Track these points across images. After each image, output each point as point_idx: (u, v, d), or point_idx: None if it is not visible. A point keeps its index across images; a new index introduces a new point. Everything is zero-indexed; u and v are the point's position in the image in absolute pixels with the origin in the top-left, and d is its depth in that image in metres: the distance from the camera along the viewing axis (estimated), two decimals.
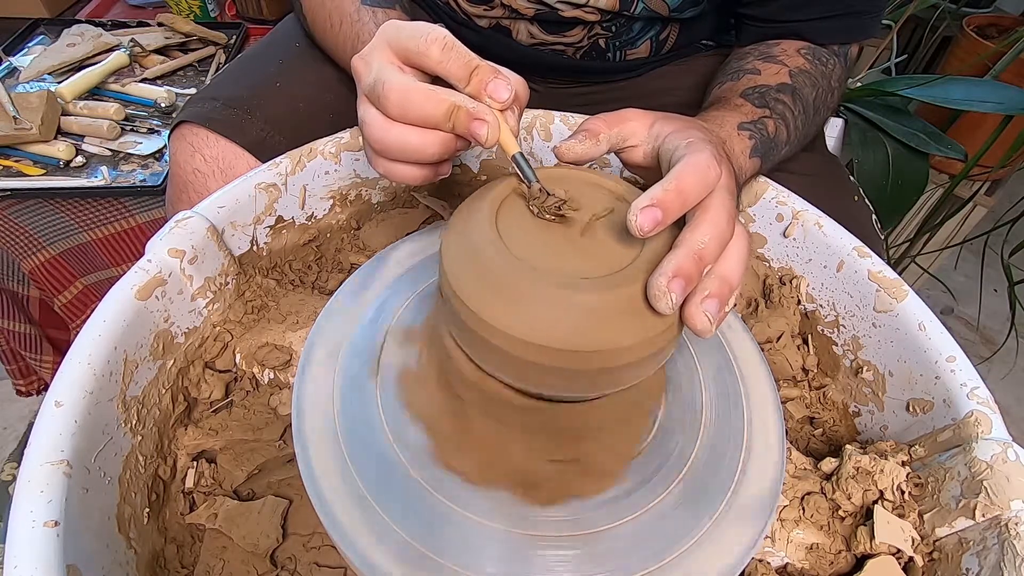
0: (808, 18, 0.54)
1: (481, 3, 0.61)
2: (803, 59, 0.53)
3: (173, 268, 0.38)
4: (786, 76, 0.50)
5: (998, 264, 1.12)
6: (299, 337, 0.43)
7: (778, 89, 0.49)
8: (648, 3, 0.57)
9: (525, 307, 0.26)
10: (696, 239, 0.28)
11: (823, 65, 0.53)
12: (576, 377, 0.28)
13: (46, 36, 1.11)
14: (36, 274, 0.89)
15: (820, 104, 0.52)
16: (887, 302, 0.41)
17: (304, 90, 0.58)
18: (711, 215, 0.29)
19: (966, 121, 1.19)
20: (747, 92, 0.48)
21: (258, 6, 1.21)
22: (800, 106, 0.49)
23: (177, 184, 0.55)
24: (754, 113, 0.46)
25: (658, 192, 0.28)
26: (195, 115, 0.54)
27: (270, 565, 0.36)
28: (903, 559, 0.34)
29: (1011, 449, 0.32)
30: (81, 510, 0.29)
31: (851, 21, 0.54)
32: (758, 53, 0.54)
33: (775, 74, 0.51)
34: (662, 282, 0.26)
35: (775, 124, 0.46)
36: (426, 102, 0.32)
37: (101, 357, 0.32)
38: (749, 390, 0.38)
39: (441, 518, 0.31)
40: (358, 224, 0.54)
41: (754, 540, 0.32)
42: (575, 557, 0.30)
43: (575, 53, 0.64)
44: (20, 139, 0.85)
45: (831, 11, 0.53)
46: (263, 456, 0.40)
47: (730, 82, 0.52)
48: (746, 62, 0.53)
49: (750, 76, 0.51)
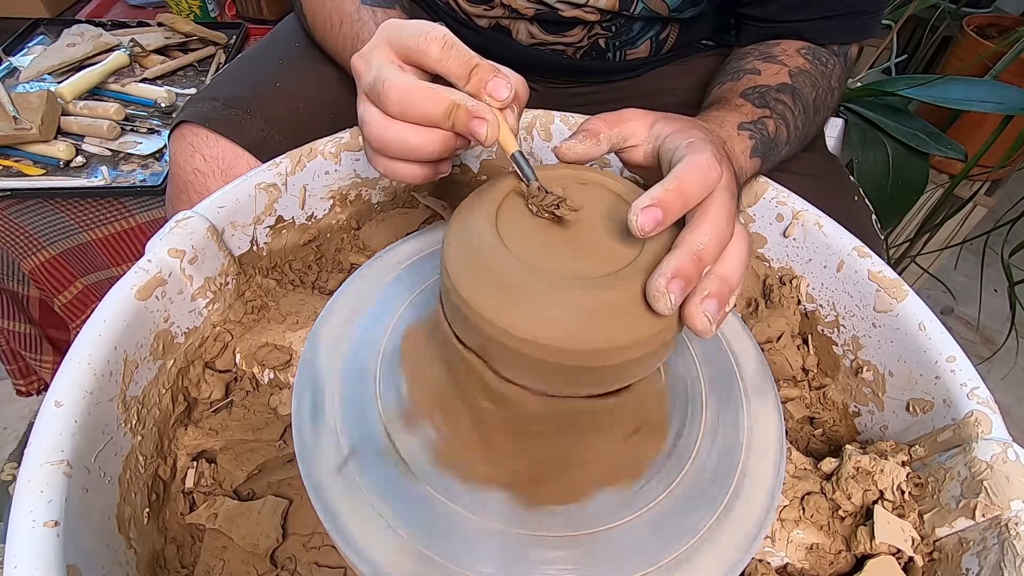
0: (808, 18, 0.54)
1: (481, 3, 0.61)
2: (803, 59, 0.53)
3: (173, 268, 0.38)
4: (786, 76, 0.51)
5: (998, 264, 1.12)
6: (299, 337, 0.43)
7: (778, 89, 0.49)
8: (648, 3, 0.57)
9: (525, 306, 0.27)
10: (696, 240, 0.28)
11: (823, 65, 0.53)
12: (574, 375, 0.28)
13: (46, 36, 1.11)
14: (36, 274, 0.89)
15: (820, 104, 0.52)
16: (887, 302, 0.41)
17: (304, 90, 0.58)
18: (711, 215, 0.29)
19: (966, 121, 1.19)
20: (747, 92, 0.48)
21: (258, 6, 1.21)
22: (800, 106, 0.49)
23: (177, 184, 0.55)
24: (754, 113, 0.46)
25: (659, 192, 0.27)
26: (195, 115, 0.54)
27: (270, 565, 0.36)
28: (903, 559, 0.34)
29: (1011, 449, 0.32)
30: (81, 510, 0.29)
31: (851, 21, 0.54)
32: (758, 53, 0.54)
33: (775, 74, 0.51)
34: (661, 283, 0.26)
35: (775, 124, 0.46)
36: (426, 100, 0.32)
37: (101, 357, 0.32)
38: (749, 390, 0.38)
39: (441, 518, 0.31)
40: (358, 224, 0.54)
41: (754, 540, 0.32)
42: (573, 557, 0.30)
43: (575, 53, 0.64)
44: (20, 139, 0.85)
45: (831, 11, 0.53)
46: (263, 456, 0.40)
47: (730, 82, 0.52)
48: (746, 62, 0.54)
49: (750, 76, 0.51)
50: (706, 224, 0.28)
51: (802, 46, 0.54)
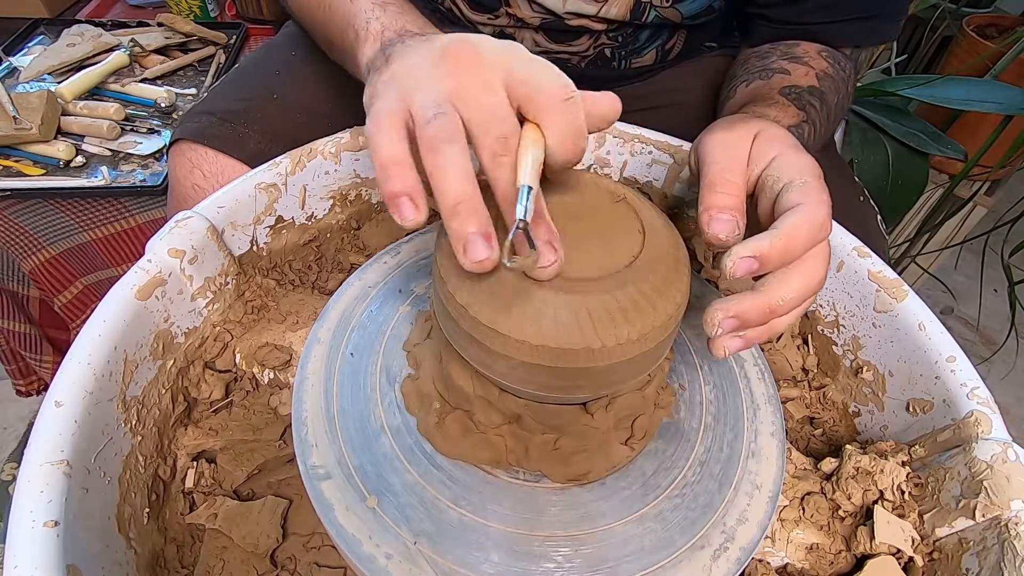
0: (825, 20, 0.53)
1: (486, 11, 0.60)
2: (826, 62, 0.52)
3: (173, 268, 0.38)
4: (814, 79, 0.50)
5: (998, 264, 1.11)
6: (299, 337, 0.43)
7: (809, 92, 0.48)
8: (660, 11, 0.57)
9: (518, 307, 0.27)
10: (779, 294, 0.27)
11: (842, 70, 0.53)
12: (567, 377, 0.28)
13: (46, 36, 1.11)
14: (36, 274, 0.89)
15: (839, 110, 0.51)
16: (887, 302, 0.41)
17: (302, 101, 0.58)
18: (805, 269, 0.27)
19: (966, 121, 1.19)
20: (784, 91, 0.47)
21: (258, 6, 1.21)
22: (825, 111, 0.48)
23: (178, 199, 0.55)
24: (796, 116, 0.45)
25: (764, 245, 0.26)
26: (192, 132, 0.54)
27: (270, 565, 0.36)
28: (903, 559, 0.34)
29: (1011, 449, 0.32)
30: (81, 510, 0.29)
31: (868, 24, 0.53)
32: (781, 53, 0.53)
33: (804, 75, 0.50)
34: (719, 316, 0.26)
35: (808, 130, 0.46)
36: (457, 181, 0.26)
37: (101, 357, 0.32)
38: (750, 390, 0.38)
39: (441, 517, 0.31)
40: (358, 224, 0.54)
41: (754, 541, 0.32)
42: (572, 557, 0.30)
43: (580, 62, 0.63)
44: (20, 139, 0.85)
45: (848, 14, 0.52)
46: (263, 456, 0.40)
47: (759, 80, 0.51)
48: (771, 61, 0.53)
49: (780, 76, 0.50)
50: (796, 281, 0.27)
51: (821, 48, 0.53)
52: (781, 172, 0.30)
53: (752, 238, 0.27)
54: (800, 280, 0.27)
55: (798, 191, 0.29)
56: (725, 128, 0.33)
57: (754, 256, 0.26)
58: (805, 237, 0.27)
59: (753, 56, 0.56)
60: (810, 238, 0.27)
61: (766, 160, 0.31)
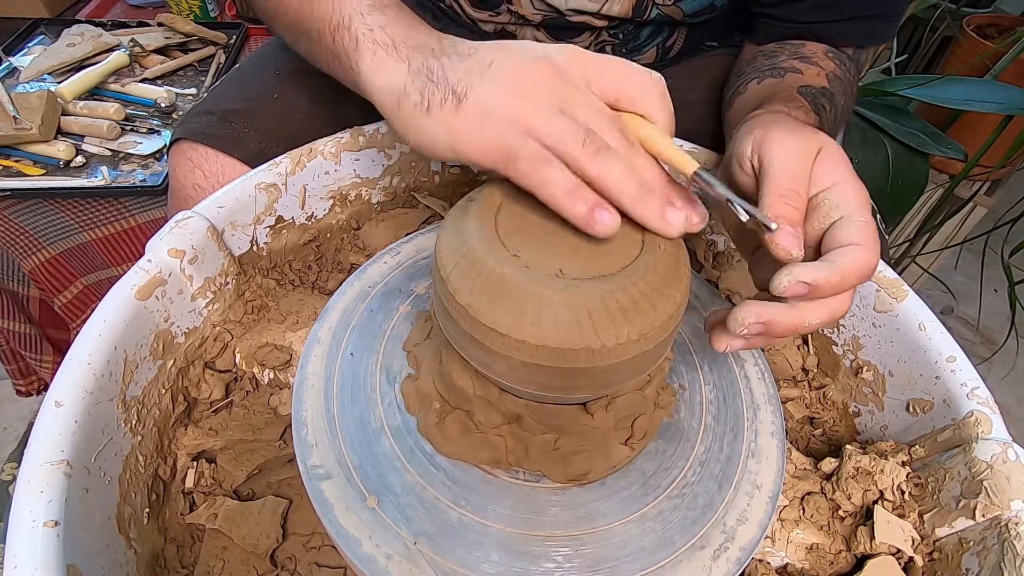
0: (829, 19, 0.53)
1: (487, 8, 0.60)
2: (833, 63, 0.52)
3: (173, 268, 0.38)
4: (825, 80, 0.49)
5: (998, 264, 1.11)
6: (299, 337, 0.43)
7: (821, 93, 0.48)
8: (663, 8, 0.56)
9: (518, 307, 0.27)
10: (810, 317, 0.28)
11: (847, 71, 0.53)
12: (567, 377, 0.28)
13: (46, 36, 1.11)
14: (36, 274, 0.89)
15: (844, 112, 0.51)
16: (887, 302, 0.41)
17: (302, 100, 0.58)
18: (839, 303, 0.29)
19: (966, 121, 1.19)
20: (801, 91, 0.47)
21: None
22: (834, 114, 0.48)
23: (178, 199, 0.55)
24: (813, 118, 0.45)
25: (821, 276, 0.27)
26: (192, 132, 0.54)
27: (270, 565, 0.36)
28: (903, 559, 0.34)
29: (1011, 449, 0.32)
30: (81, 510, 0.29)
31: (870, 24, 0.53)
32: (789, 52, 0.53)
33: (816, 76, 0.50)
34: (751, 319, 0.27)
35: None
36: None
37: (101, 357, 0.32)
38: (750, 390, 0.38)
39: (441, 517, 0.31)
40: (358, 224, 0.54)
41: (754, 541, 0.32)
42: (572, 557, 0.30)
43: None
44: (20, 139, 0.85)
45: (852, 13, 0.52)
46: (263, 456, 0.40)
47: (771, 79, 0.50)
48: (781, 59, 0.52)
49: (794, 75, 0.50)
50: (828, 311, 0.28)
51: (827, 49, 0.53)
52: (840, 201, 0.31)
53: (812, 265, 0.28)
54: (831, 312, 0.28)
55: (857, 230, 0.30)
56: (789, 132, 0.33)
57: (809, 283, 0.27)
58: (855, 279, 0.28)
59: (760, 55, 0.56)
60: (858, 280, 0.29)
61: (827, 183, 0.32)
